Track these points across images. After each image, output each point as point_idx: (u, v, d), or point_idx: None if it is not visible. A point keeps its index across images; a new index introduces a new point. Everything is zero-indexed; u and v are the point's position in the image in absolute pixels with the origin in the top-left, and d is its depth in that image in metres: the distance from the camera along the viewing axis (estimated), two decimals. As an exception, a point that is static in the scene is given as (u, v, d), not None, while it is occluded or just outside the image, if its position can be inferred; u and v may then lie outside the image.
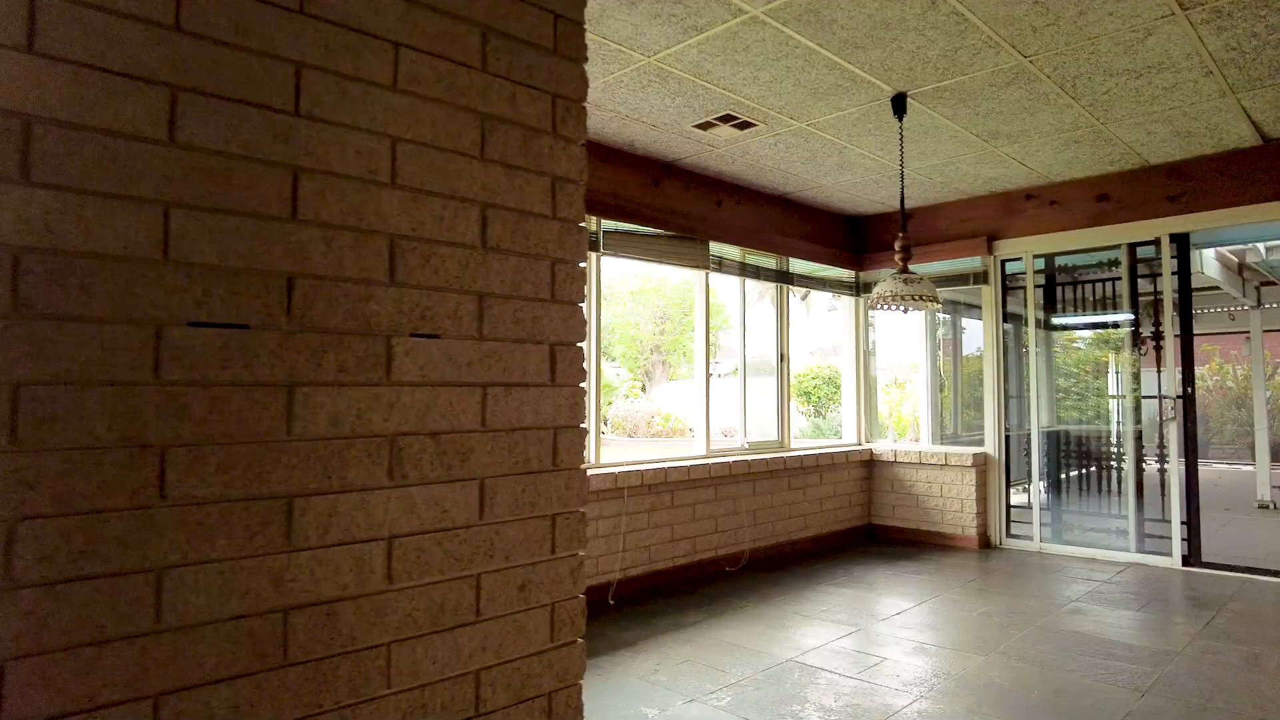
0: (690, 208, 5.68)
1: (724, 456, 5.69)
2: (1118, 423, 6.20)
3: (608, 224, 5.07)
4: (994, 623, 4.21)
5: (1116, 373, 5.97)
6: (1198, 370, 5.46)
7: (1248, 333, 10.60)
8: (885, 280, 4.10)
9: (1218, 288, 8.38)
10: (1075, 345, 6.85)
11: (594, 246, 4.99)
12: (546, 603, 1.87)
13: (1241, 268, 8.34)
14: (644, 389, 23.15)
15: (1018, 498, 6.35)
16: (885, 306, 4.07)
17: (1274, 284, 9.18)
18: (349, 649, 1.50)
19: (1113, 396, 6.05)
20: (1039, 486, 6.14)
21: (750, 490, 5.74)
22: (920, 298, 3.94)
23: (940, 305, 4.10)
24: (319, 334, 1.50)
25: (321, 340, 1.50)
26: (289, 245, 1.47)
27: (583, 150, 2.04)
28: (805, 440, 7.46)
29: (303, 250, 1.48)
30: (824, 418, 15.65)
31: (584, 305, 2.04)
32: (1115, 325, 6.35)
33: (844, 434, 7.19)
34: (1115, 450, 6.05)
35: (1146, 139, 4.98)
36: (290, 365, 1.46)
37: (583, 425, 2.01)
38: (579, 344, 2.01)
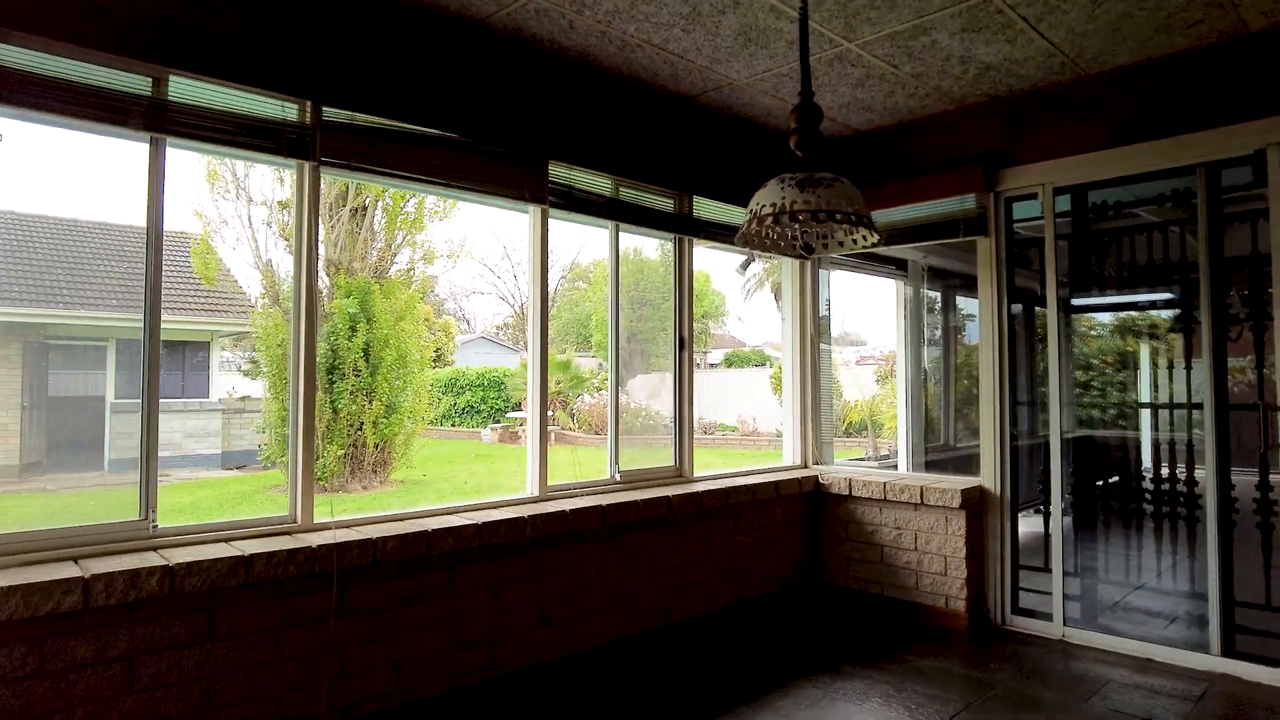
0: (514, 106, 3.61)
1: (563, 500, 3.63)
2: (1190, 444, 4.10)
3: (337, 113, 3.00)
4: None
5: (1187, 369, 3.86)
6: (1241, 361, 3.43)
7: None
8: (766, 187, 2.02)
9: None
10: (1132, 328, 4.77)
11: (300, 150, 2.92)
12: None
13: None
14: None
15: (1030, 525, 4.24)
16: (755, 242, 1.99)
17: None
18: None
19: (1179, 406, 3.93)
20: (1060, 532, 4.03)
21: (613, 551, 3.68)
22: (820, 217, 1.86)
23: (877, 240, 2.03)
24: None
25: None
26: None
27: None
28: (720, 468, 5.40)
29: None
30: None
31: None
32: (1169, 303, 4.25)
33: (784, 452, 5.10)
34: (1184, 490, 3.94)
35: (1257, -33, 2.87)
36: None
37: None
38: None
